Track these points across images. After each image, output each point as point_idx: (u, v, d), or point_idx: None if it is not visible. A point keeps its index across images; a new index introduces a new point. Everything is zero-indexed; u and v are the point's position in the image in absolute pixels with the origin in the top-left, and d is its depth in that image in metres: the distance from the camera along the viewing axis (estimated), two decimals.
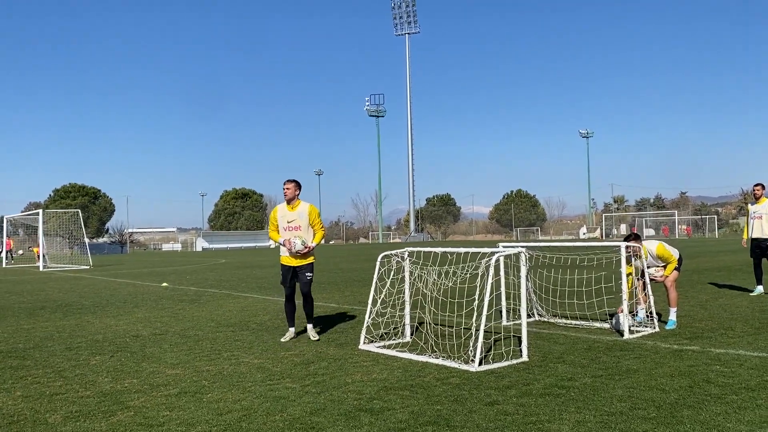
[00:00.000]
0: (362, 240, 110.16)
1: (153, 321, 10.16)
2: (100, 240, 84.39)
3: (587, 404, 4.81)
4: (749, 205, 11.85)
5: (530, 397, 5.07)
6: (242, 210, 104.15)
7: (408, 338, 7.77)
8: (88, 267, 30.95)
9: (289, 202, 8.10)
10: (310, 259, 8.14)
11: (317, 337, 8.11)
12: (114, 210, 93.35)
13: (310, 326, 8.29)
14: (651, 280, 8.34)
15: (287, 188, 8.06)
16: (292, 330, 8.14)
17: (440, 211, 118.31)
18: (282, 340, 7.98)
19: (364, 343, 7.49)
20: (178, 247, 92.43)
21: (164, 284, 18.00)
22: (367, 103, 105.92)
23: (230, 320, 10.02)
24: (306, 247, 7.91)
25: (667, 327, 8.02)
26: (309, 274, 8.12)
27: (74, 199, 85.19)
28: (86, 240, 38.04)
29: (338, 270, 23.02)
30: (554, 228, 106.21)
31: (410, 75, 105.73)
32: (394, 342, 7.57)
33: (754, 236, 11.49)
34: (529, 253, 9.11)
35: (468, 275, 7.57)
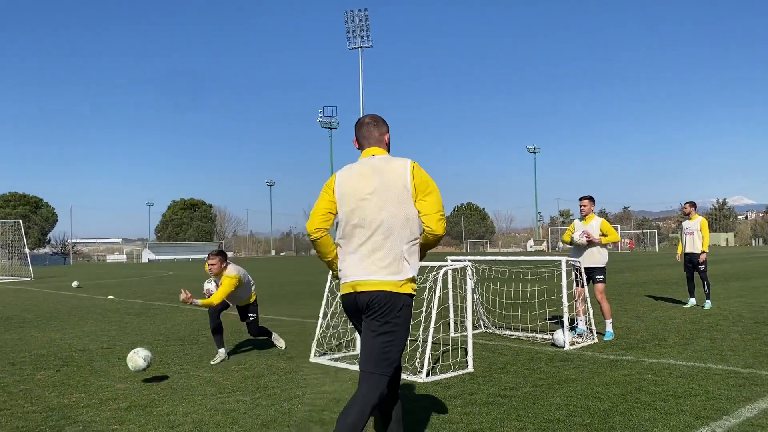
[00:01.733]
0: (314, 252, 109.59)
1: (100, 335, 10.00)
2: (42, 251, 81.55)
3: (527, 412, 5.06)
4: (683, 221, 12.51)
5: (474, 406, 5.29)
6: (191, 221, 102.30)
7: (358, 350, 7.91)
8: (30, 279, 29.93)
9: (217, 275, 7.63)
10: (251, 298, 7.98)
11: (283, 344, 8.25)
12: (57, 220, 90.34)
13: (273, 338, 8.30)
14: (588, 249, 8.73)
15: (212, 264, 7.51)
16: (222, 351, 7.61)
17: None
18: (212, 362, 7.46)
19: (315, 356, 7.59)
20: (123, 258, 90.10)
21: (110, 297, 17.63)
22: (320, 115, 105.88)
23: (179, 333, 9.96)
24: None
25: (605, 338, 8.41)
26: (252, 315, 8.00)
27: (14, 208, 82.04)
28: (27, 251, 36.76)
29: (289, 282, 22.97)
30: (503, 240, 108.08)
31: (363, 88, 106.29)
32: (344, 354, 7.70)
33: (686, 251, 12.13)
34: (476, 267, 9.42)
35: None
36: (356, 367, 6.94)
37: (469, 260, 8.45)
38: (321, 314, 7.97)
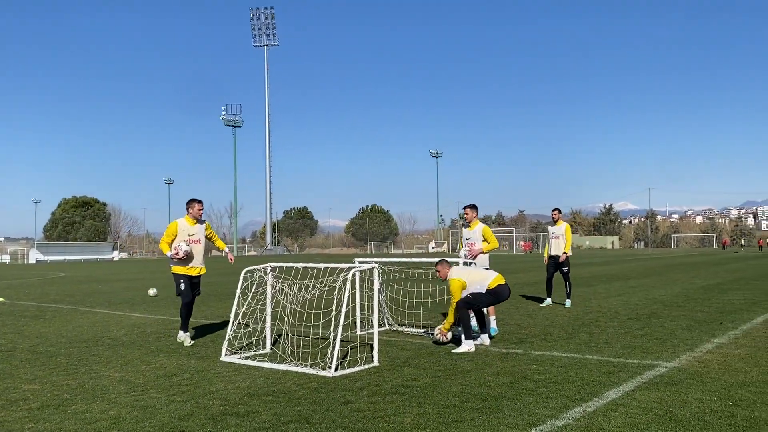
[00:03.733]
0: (215, 253, 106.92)
1: None
2: None
3: (427, 399, 5.60)
4: (549, 226, 13.52)
5: (380, 396, 5.77)
6: (83, 219, 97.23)
7: (269, 349, 8.20)
8: None
9: (199, 220, 9.14)
10: (204, 270, 9.23)
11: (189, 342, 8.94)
12: None
13: (186, 332, 9.10)
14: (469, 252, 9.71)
15: (201, 209, 9.18)
16: (188, 334, 9.00)
17: (297, 224, 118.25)
18: (188, 344, 8.73)
19: (226, 355, 7.81)
20: (6, 258, 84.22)
21: (1, 299, 16.78)
22: (223, 113, 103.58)
23: (82, 336, 9.82)
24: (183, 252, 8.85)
25: (492, 333, 9.15)
26: (200, 287, 9.37)
27: None
28: None
29: None
30: (406, 242, 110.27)
31: (269, 87, 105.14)
32: (255, 353, 7.97)
33: (552, 253, 13.19)
34: (381, 268, 9.93)
35: (326, 288, 8.19)
36: (266, 365, 7.25)
37: (376, 262, 8.94)
38: (232, 314, 8.19)
